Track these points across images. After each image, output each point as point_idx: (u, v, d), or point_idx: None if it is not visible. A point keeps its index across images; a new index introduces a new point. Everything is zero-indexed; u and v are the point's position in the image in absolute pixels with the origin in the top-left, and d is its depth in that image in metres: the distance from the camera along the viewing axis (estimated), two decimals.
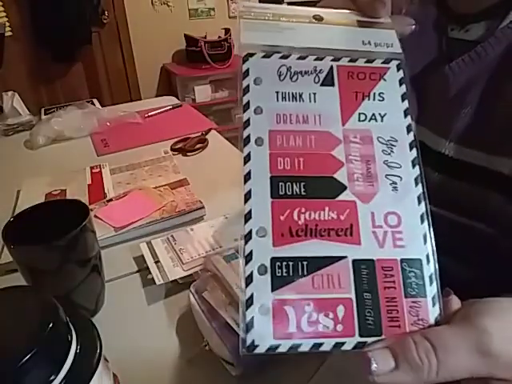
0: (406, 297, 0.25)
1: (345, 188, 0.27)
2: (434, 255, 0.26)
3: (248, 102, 0.28)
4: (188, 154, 0.95)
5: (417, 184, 0.28)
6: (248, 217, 0.26)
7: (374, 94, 0.30)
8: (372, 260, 0.26)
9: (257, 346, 0.23)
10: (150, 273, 0.54)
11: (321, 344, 0.24)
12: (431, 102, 0.51)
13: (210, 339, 0.43)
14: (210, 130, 1.07)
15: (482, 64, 0.44)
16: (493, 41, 0.43)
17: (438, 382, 0.23)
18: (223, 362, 0.41)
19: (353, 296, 0.25)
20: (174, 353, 0.45)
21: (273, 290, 0.24)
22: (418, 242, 0.26)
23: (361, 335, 0.24)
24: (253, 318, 0.24)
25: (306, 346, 0.24)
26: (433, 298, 0.25)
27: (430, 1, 0.52)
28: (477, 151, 0.45)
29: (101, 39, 2.42)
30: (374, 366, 0.23)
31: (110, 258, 0.55)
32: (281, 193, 0.26)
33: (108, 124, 1.11)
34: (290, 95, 0.29)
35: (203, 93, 2.51)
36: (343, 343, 0.24)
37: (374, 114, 0.29)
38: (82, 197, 0.74)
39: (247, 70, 0.29)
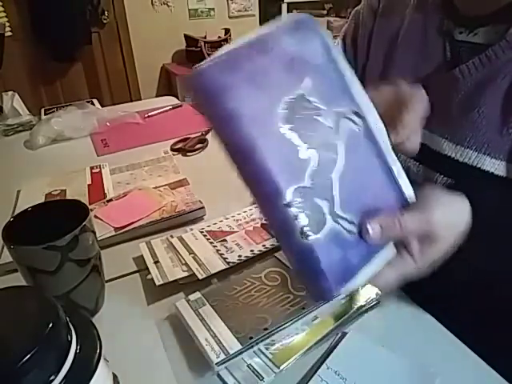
0: None
1: None
2: None
3: None
4: (188, 153, 0.95)
5: None
6: None
7: None
8: None
9: None
10: (149, 273, 0.54)
11: None
12: (436, 105, 0.50)
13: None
14: (210, 130, 1.07)
15: (493, 68, 0.44)
16: (504, 44, 0.43)
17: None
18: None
19: None
20: (173, 353, 0.45)
21: None
22: None
23: None
24: None
25: None
26: None
27: (432, 8, 0.51)
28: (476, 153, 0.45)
29: (101, 39, 2.42)
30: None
31: (110, 258, 0.54)
32: None
33: (108, 124, 1.11)
34: None
35: None
36: None
37: None
38: (82, 197, 0.74)
39: None
